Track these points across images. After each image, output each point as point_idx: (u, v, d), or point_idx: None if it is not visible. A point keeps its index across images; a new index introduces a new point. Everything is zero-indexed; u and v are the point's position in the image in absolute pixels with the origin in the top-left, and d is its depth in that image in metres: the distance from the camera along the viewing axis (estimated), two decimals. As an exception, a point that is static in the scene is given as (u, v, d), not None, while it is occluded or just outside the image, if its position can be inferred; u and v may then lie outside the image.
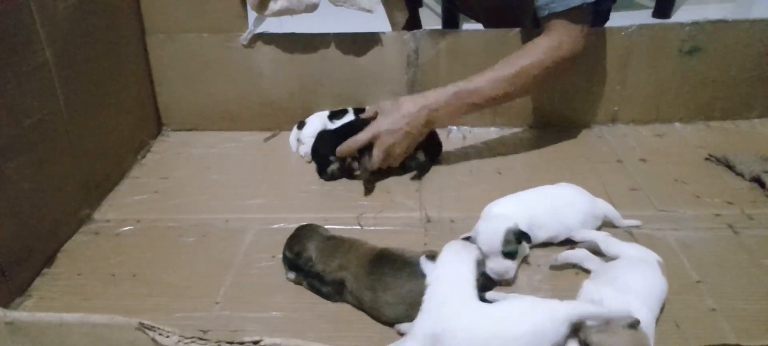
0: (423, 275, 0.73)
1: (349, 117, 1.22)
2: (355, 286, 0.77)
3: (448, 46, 1.21)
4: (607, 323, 0.66)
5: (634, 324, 0.65)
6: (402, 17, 1.31)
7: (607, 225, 0.94)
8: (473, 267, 0.73)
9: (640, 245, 0.84)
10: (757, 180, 1.04)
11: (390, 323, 0.75)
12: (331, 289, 0.80)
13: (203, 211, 1.03)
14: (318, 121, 1.21)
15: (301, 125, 1.23)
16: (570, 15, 1.02)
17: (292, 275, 0.84)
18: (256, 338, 0.52)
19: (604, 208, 0.94)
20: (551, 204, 0.90)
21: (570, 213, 0.90)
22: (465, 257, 0.74)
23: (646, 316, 0.69)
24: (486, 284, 0.76)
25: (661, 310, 0.75)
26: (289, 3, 1.14)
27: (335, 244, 0.83)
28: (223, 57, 1.24)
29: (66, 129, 0.95)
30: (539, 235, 0.88)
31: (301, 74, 1.26)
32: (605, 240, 0.84)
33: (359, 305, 0.78)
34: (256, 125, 1.31)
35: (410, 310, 0.72)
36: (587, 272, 0.83)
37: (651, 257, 0.79)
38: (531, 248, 0.87)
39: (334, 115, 1.22)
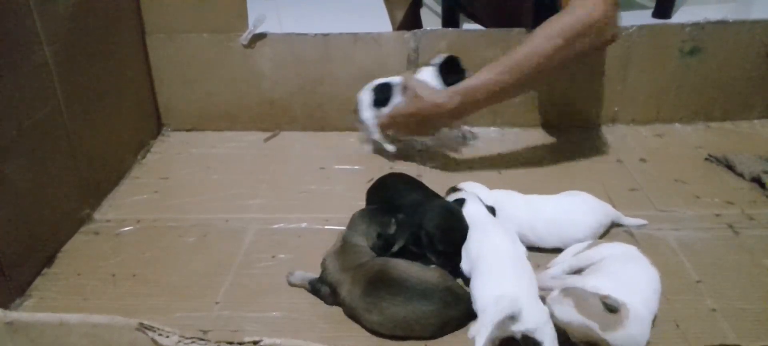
0: (419, 299, 0.73)
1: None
2: (349, 300, 0.76)
3: (449, 46, 1.21)
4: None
5: (613, 309, 0.66)
6: (400, 13, 1.32)
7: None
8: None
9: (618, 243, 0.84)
10: (757, 180, 1.04)
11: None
12: (328, 289, 0.80)
13: (203, 211, 1.03)
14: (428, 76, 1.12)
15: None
16: None
17: (293, 278, 0.84)
18: (256, 339, 0.52)
19: (612, 215, 0.92)
20: (554, 218, 0.89)
21: (574, 231, 0.88)
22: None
23: (646, 316, 0.70)
24: None
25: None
26: None
27: (341, 249, 0.82)
28: (223, 57, 1.24)
29: (66, 129, 0.95)
30: (537, 244, 0.88)
31: (301, 74, 1.26)
32: (584, 256, 0.81)
33: (351, 316, 0.77)
34: (256, 125, 1.31)
35: (406, 332, 0.73)
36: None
37: (634, 250, 0.79)
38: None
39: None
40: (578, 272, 0.79)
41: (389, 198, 0.94)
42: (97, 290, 0.85)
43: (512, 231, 0.85)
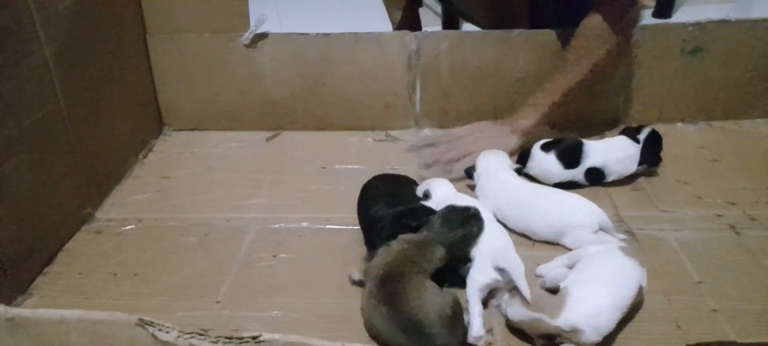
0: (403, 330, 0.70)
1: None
2: (367, 291, 0.76)
3: (450, 47, 1.21)
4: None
5: (554, 291, 0.74)
6: (398, 13, 1.32)
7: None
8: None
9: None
10: None
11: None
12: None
13: (204, 210, 1.03)
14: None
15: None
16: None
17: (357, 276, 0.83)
18: (255, 334, 0.53)
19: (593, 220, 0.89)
20: (523, 202, 0.92)
21: (537, 221, 0.90)
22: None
23: (607, 301, 0.70)
24: None
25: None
26: None
27: (413, 243, 0.80)
28: (225, 57, 1.25)
29: (66, 129, 0.96)
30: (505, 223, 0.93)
31: (303, 74, 1.26)
32: (574, 255, 0.82)
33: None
34: (258, 125, 1.31)
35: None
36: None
37: (612, 248, 0.80)
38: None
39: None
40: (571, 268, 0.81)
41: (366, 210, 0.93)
42: (98, 289, 0.85)
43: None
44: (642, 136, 1.07)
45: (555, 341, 0.69)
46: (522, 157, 1.08)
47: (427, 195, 0.95)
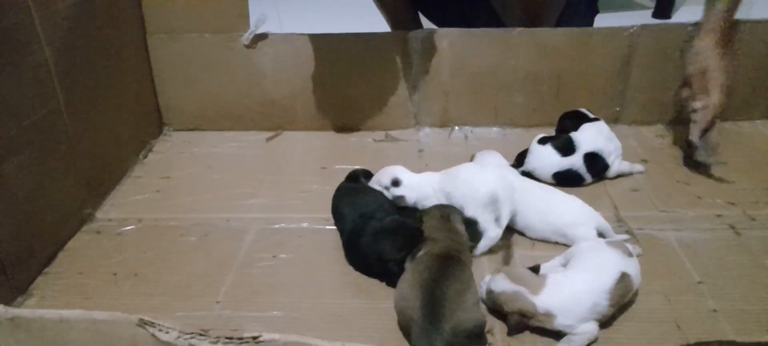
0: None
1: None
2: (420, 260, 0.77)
3: (450, 46, 1.21)
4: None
5: (535, 269, 0.78)
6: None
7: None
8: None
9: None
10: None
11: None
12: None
13: (204, 210, 1.03)
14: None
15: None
16: None
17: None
18: (255, 334, 0.53)
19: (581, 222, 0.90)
20: (521, 200, 0.92)
21: (534, 219, 0.91)
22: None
23: (585, 288, 0.73)
24: None
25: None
26: None
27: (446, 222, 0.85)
28: (225, 57, 1.25)
29: (66, 129, 0.96)
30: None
31: (303, 74, 1.26)
32: (568, 252, 0.84)
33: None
34: (258, 125, 1.31)
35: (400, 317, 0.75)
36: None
37: (601, 243, 0.83)
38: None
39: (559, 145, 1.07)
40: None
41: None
42: (98, 289, 0.85)
43: None
44: (590, 114, 1.14)
45: (529, 322, 0.72)
46: (520, 157, 1.09)
47: (396, 182, 0.95)
